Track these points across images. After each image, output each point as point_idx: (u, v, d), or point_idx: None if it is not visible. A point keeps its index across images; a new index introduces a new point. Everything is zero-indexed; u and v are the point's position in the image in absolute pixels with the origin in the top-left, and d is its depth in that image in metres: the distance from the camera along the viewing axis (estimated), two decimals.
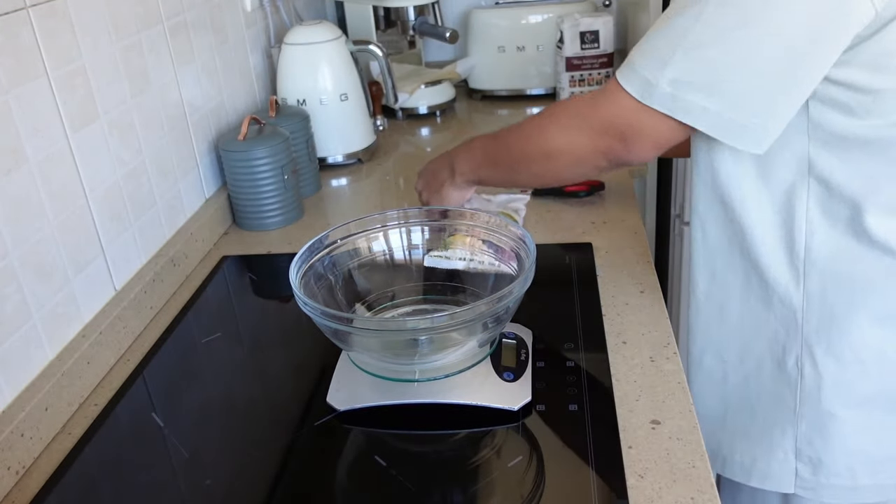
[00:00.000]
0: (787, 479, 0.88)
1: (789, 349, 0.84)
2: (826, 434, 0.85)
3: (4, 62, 0.79)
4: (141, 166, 1.05)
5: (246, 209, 1.25)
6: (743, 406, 0.90)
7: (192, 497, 0.74)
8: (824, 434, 0.85)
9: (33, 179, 0.83)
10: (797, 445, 0.86)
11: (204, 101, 1.24)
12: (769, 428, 0.88)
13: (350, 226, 0.90)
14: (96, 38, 0.95)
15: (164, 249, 1.09)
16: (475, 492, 0.71)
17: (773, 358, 0.86)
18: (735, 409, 0.91)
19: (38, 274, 0.84)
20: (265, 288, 1.13)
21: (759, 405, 0.89)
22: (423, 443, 0.79)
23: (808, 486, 0.87)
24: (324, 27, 1.44)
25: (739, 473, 0.92)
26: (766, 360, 0.87)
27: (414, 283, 0.92)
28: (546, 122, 0.88)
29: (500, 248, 0.87)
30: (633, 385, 0.82)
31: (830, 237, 0.78)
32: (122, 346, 0.96)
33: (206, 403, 0.87)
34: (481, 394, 0.79)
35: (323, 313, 0.74)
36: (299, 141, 1.32)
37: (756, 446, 0.90)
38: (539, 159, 0.88)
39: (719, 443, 0.93)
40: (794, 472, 0.87)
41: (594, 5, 1.78)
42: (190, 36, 1.19)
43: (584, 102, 0.84)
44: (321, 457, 0.77)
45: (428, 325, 0.75)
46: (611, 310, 0.95)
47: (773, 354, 0.86)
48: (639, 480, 0.70)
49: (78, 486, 0.76)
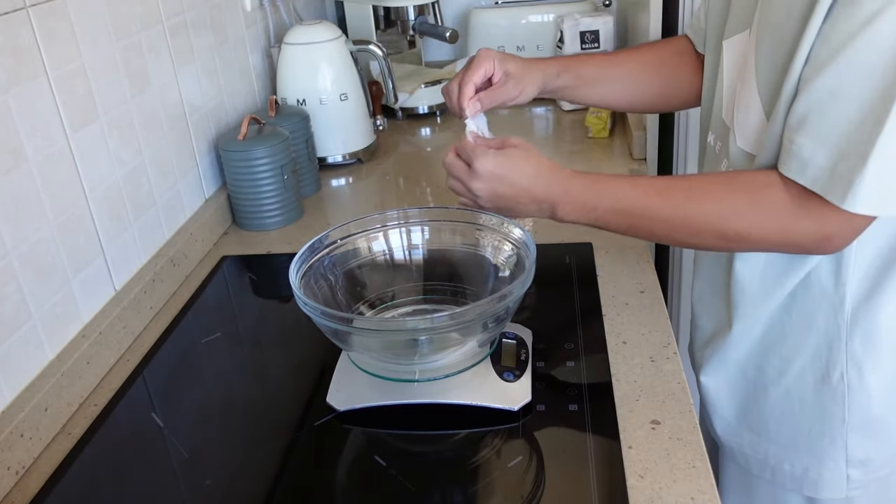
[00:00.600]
0: (839, 485, 0.87)
1: (833, 364, 0.83)
2: (875, 436, 0.85)
3: (4, 62, 0.79)
4: (141, 166, 1.05)
5: (246, 209, 1.25)
6: (784, 418, 0.89)
7: (192, 497, 0.74)
8: (874, 436, 0.85)
9: (33, 179, 0.83)
10: (848, 454, 0.86)
11: (204, 101, 1.24)
12: (817, 439, 0.87)
13: (350, 226, 0.90)
14: (96, 38, 0.95)
15: (163, 249, 1.09)
16: (475, 492, 0.71)
17: (816, 371, 0.85)
18: (777, 420, 0.89)
19: (37, 274, 0.84)
20: (265, 288, 1.13)
21: (804, 417, 0.87)
22: (423, 443, 0.79)
23: (857, 486, 0.87)
24: (324, 27, 1.44)
25: (791, 483, 0.90)
26: (809, 373, 0.85)
27: (414, 283, 0.92)
28: (723, 212, 0.75)
29: None
30: (633, 385, 0.82)
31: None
32: (121, 346, 0.96)
33: (206, 403, 0.87)
34: (481, 394, 0.79)
35: (323, 313, 0.74)
36: (299, 141, 1.32)
37: (805, 456, 0.88)
38: (712, 240, 0.78)
39: (766, 454, 0.91)
40: (845, 478, 0.87)
41: (594, 5, 1.78)
42: (190, 36, 1.19)
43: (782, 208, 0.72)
44: (321, 457, 0.77)
45: (428, 325, 0.75)
46: (611, 310, 0.95)
47: (815, 368, 0.85)
48: (639, 480, 0.70)
49: (78, 486, 0.76)
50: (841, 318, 0.81)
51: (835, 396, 0.84)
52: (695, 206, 0.76)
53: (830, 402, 0.84)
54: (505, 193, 0.83)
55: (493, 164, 0.82)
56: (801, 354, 0.85)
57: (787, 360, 0.86)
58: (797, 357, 0.85)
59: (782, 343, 0.86)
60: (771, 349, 0.87)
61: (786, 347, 0.86)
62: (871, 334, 0.81)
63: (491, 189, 0.83)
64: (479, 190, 0.83)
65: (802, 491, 0.90)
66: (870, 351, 0.81)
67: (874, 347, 0.81)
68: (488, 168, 0.82)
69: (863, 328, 0.81)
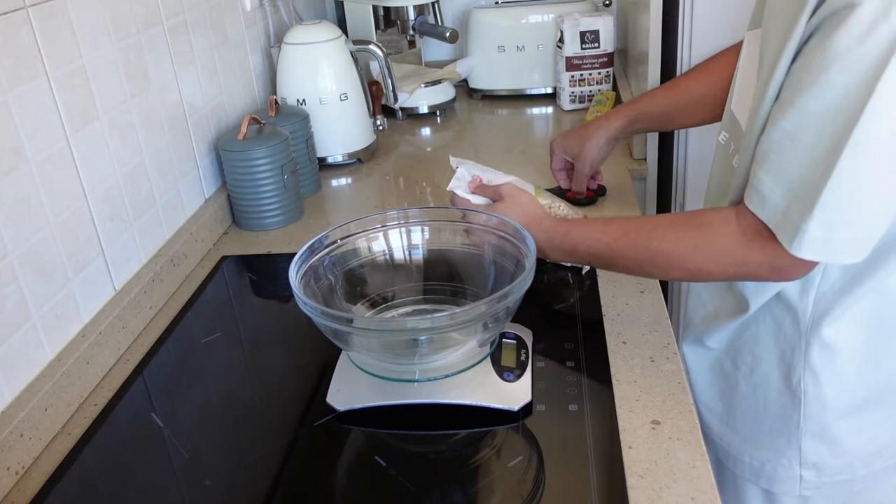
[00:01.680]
0: (792, 483, 0.91)
1: (793, 369, 0.86)
2: (829, 443, 0.87)
3: (4, 62, 0.79)
4: (141, 166, 1.05)
5: (246, 209, 1.25)
6: (749, 412, 0.93)
7: (192, 497, 0.74)
8: (828, 444, 0.87)
9: (33, 179, 0.83)
10: (801, 455, 0.89)
11: (204, 101, 1.24)
12: (776, 436, 0.90)
13: (350, 226, 0.90)
14: (96, 38, 0.95)
15: (163, 249, 1.09)
16: (475, 492, 0.71)
17: (780, 373, 0.88)
18: (743, 413, 0.94)
19: (37, 274, 0.84)
20: (265, 288, 1.13)
21: (766, 414, 0.91)
22: (423, 443, 0.79)
23: (811, 487, 0.90)
24: (324, 27, 1.44)
25: (749, 474, 0.94)
26: (775, 374, 0.89)
27: (414, 283, 0.92)
28: (682, 251, 0.79)
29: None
30: (633, 385, 0.82)
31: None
32: (121, 346, 0.96)
33: (206, 403, 0.87)
34: (481, 394, 0.79)
35: (323, 313, 0.74)
36: (299, 141, 1.32)
37: (764, 451, 0.92)
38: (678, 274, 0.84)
39: (730, 443, 0.96)
40: (798, 477, 0.90)
41: (594, 5, 1.78)
42: (190, 36, 1.19)
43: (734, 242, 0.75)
44: (321, 457, 0.77)
45: (428, 325, 0.75)
46: (611, 310, 0.95)
47: (780, 371, 0.88)
48: (639, 480, 0.70)
49: (78, 486, 0.76)
50: (802, 328, 0.84)
51: (793, 400, 0.87)
52: (658, 244, 0.80)
53: (789, 404, 0.88)
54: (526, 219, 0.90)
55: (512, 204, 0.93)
56: (770, 356, 0.88)
57: (758, 359, 0.90)
58: (766, 357, 0.89)
59: (755, 343, 0.90)
60: (745, 347, 0.91)
61: (757, 347, 0.90)
62: (828, 347, 0.83)
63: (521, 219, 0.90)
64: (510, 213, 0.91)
65: (759, 483, 0.93)
66: (826, 362, 0.84)
67: (831, 359, 0.84)
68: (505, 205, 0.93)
69: (820, 340, 0.83)
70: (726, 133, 0.89)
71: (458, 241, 0.92)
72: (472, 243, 0.91)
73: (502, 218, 0.87)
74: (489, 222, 0.88)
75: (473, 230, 0.91)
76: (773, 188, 0.70)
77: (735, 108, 0.86)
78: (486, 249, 0.89)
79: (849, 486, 0.89)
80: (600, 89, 1.71)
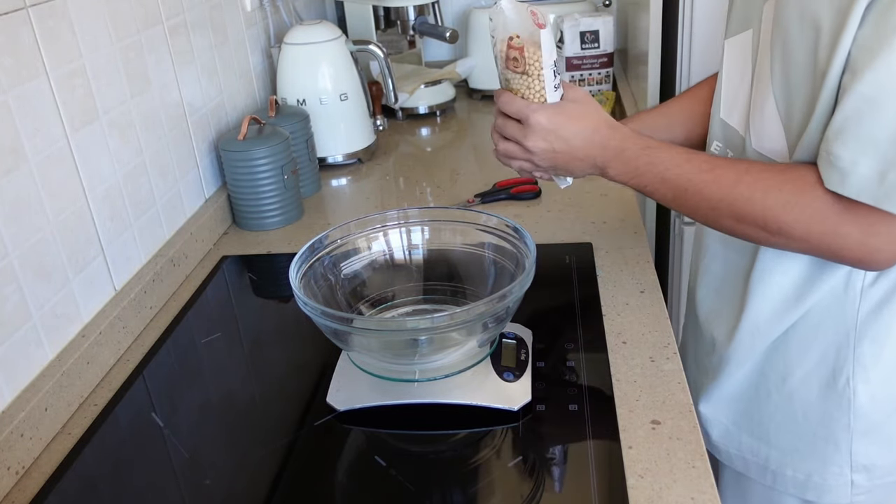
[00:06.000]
0: (843, 490, 0.87)
1: (840, 369, 0.82)
2: (881, 442, 0.84)
3: (4, 62, 0.79)
4: (141, 166, 1.05)
5: (246, 209, 1.25)
6: (787, 423, 0.88)
7: (192, 497, 0.74)
8: (879, 442, 0.84)
9: (33, 179, 0.83)
10: (852, 459, 0.85)
11: (204, 101, 1.24)
12: (821, 444, 0.85)
13: (350, 226, 0.90)
14: (96, 38, 0.95)
15: (163, 249, 1.09)
16: (475, 492, 0.71)
17: (821, 377, 0.84)
18: (778, 425, 0.88)
19: (37, 274, 0.84)
20: (265, 288, 1.13)
21: (807, 422, 0.86)
22: (423, 443, 0.79)
23: (862, 491, 0.86)
24: (324, 27, 1.44)
25: (793, 488, 0.89)
26: (813, 379, 0.84)
27: (414, 283, 0.92)
28: (770, 203, 0.72)
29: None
30: (633, 385, 0.82)
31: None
32: (121, 347, 0.96)
33: (206, 403, 0.87)
34: (481, 394, 0.79)
35: (323, 313, 0.74)
36: (299, 141, 1.32)
37: (808, 461, 0.87)
38: (752, 231, 0.75)
39: (767, 458, 0.90)
40: (849, 483, 0.86)
41: (594, 5, 1.78)
42: (190, 36, 1.19)
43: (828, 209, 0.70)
44: (321, 457, 0.77)
45: (428, 325, 0.75)
46: (611, 310, 0.95)
47: (821, 373, 0.83)
48: (639, 480, 0.70)
49: (78, 486, 0.76)
50: (851, 322, 0.80)
51: (840, 402, 0.83)
52: (744, 190, 0.73)
53: (835, 407, 0.83)
54: (561, 150, 0.81)
55: (547, 119, 0.80)
56: (807, 359, 0.83)
57: (792, 365, 0.85)
58: (802, 361, 0.84)
59: (787, 348, 0.84)
60: (775, 354, 0.86)
61: (791, 352, 0.84)
62: (880, 339, 0.80)
63: (547, 145, 0.81)
64: (535, 147, 0.81)
65: (805, 496, 0.89)
66: (878, 356, 0.80)
67: (881, 352, 0.80)
68: (543, 123, 0.80)
69: (873, 332, 0.80)
70: (719, 143, 0.87)
71: (459, 241, 0.91)
72: (471, 243, 0.90)
73: (502, 218, 0.87)
74: (489, 222, 0.88)
75: (472, 230, 0.89)
76: (856, 160, 0.65)
77: (726, 116, 0.85)
78: (487, 250, 0.89)
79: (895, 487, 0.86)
80: (600, 89, 1.71)
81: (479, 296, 0.86)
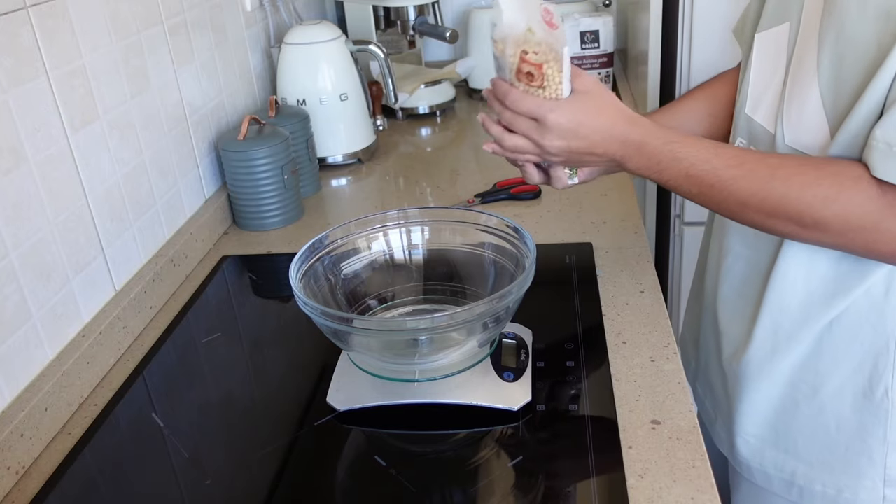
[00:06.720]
0: None
1: (877, 379, 0.79)
2: None
3: (4, 62, 0.79)
4: (141, 166, 1.05)
5: (246, 209, 1.25)
6: (818, 435, 0.84)
7: (192, 497, 0.74)
8: None
9: (33, 179, 0.83)
10: (886, 473, 0.81)
11: (204, 101, 1.24)
12: (854, 457, 0.82)
13: (350, 226, 0.90)
14: (96, 38, 0.95)
15: (163, 249, 1.09)
16: (475, 492, 0.71)
17: (855, 388, 0.80)
18: (807, 438, 0.85)
19: (37, 274, 0.84)
20: (265, 288, 1.13)
21: (840, 435, 0.83)
22: (423, 443, 0.79)
23: None
24: (324, 27, 1.44)
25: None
26: (847, 390, 0.81)
27: (414, 283, 0.92)
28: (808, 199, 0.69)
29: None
30: (633, 385, 0.82)
31: None
32: (121, 346, 0.96)
33: (206, 403, 0.87)
34: (481, 394, 0.79)
35: (323, 313, 0.74)
36: (299, 141, 1.32)
37: (840, 476, 0.84)
38: (786, 227, 0.72)
39: (793, 472, 0.87)
40: (881, 498, 0.83)
41: (594, 5, 1.78)
42: (190, 36, 1.19)
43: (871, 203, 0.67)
44: (321, 457, 0.77)
45: (428, 325, 0.75)
46: (611, 310, 0.95)
47: (856, 384, 0.80)
48: (639, 480, 0.70)
49: (78, 486, 0.76)
50: (891, 328, 0.76)
51: (877, 413, 0.79)
52: (779, 185, 0.70)
53: (871, 419, 0.80)
54: (578, 148, 0.78)
55: (567, 119, 0.77)
56: (841, 369, 0.80)
57: (824, 376, 0.81)
58: (836, 372, 0.80)
59: (819, 358, 0.81)
60: (806, 364, 0.82)
61: (823, 362, 0.81)
62: None
63: (565, 143, 0.78)
64: (552, 146, 0.79)
65: None
66: None
67: None
68: (563, 123, 0.77)
69: None
70: (743, 139, 0.84)
71: (459, 241, 0.91)
72: (471, 243, 0.89)
73: (502, 218, 0.87)
74: (489, 222, 0.88)
75: (472, 230, 0.89)
76: None
77: (751, 111, 0.82)
78: (487, 250, 0.89)
79: None
80: None
81: (479, 296, 0.86)
